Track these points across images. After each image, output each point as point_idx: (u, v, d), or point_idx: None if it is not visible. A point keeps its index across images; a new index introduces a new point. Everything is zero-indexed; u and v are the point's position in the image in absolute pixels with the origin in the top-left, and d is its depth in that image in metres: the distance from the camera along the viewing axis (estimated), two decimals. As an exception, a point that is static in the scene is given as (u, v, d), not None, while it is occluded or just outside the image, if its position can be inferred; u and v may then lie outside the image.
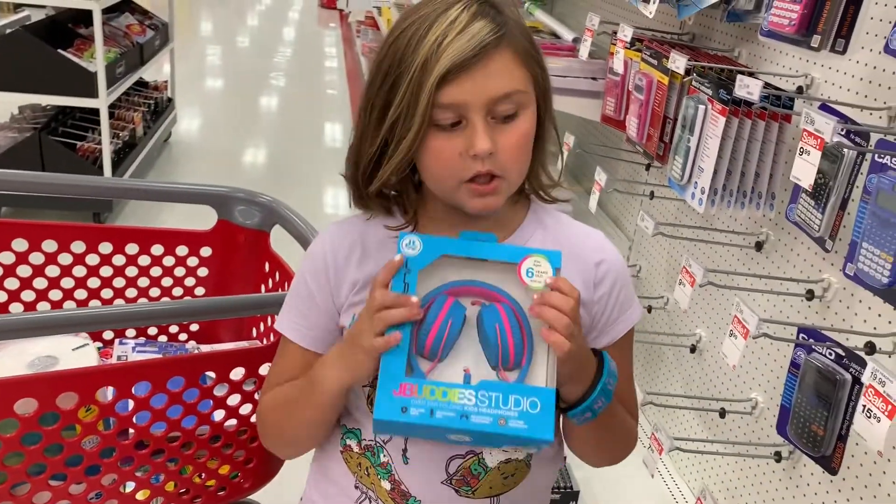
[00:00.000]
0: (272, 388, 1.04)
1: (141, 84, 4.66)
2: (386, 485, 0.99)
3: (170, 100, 4.88)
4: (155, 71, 5.01)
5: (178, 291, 1.73)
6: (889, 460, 1.47)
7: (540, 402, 0.85)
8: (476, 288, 0.91)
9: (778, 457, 1.77)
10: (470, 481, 0.98)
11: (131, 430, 1.23)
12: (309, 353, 1.02)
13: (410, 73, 0.86)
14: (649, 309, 2.52)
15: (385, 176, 0.92)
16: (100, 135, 3.65)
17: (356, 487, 1.02)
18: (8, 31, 3.58)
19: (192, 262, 1.72)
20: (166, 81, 4.94)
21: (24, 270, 1.61)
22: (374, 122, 0.91)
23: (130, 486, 1.28)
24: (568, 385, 0.91)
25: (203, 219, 1.75)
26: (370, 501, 1.01)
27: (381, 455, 0.99)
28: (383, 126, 0.90)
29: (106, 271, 1.66)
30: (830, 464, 1.43)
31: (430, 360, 0.88)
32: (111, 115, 3.89)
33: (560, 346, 0.84)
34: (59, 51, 3.53)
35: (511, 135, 0.90)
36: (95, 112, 3.66)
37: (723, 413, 1.98)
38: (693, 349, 2.26)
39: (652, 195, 2.35)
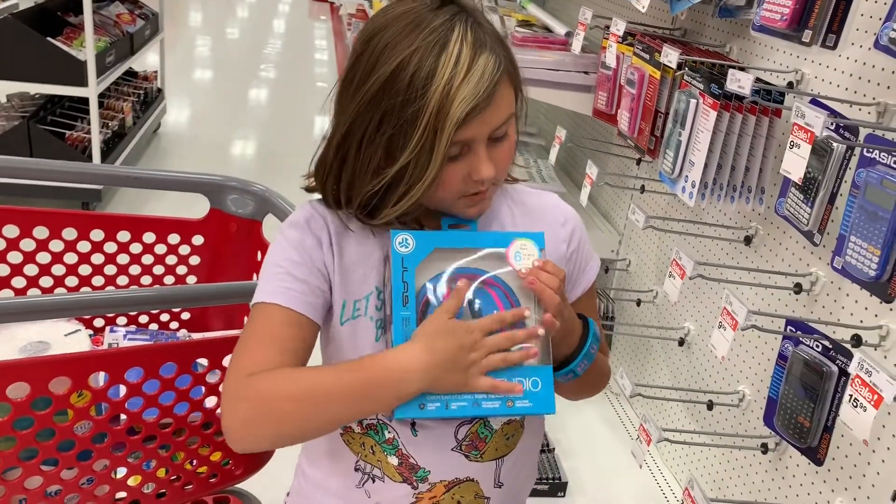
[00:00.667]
0: (265, 371, 0.91)
1: (130, 74, 4.64)
2: (393, 460, 1.00)
3: (159, 90, 4.86)
4: (144, 61, 4.98)
5: (169, 280, 1.72)
6: (873, 451, 1.50)
7: (541, 380, 0.94)
8: (468, 275, 0.95)
9: (764, 448, 1.79)
10: (478, 445, 1.01)
11: (123, 416, 1.23)
12: (304, 321, 0.95)
13: (424, 118, 0.86)
14: (638, 302, 2.54)
15: (397, 214, 0.94)
16: (89, 124, 3.63)
17: (357, 469, 1.02)
18: (-3, 18, 3.55)
19: (184, 250, 1.72)
20: (156, 72, 4.91)
21: (14, 257, 1.60)
22: (377, 161, 0.91)
23: (122, 472, 1.28)
24: (555, 348, 0.98)
25: (192, 210, 1.75)
26: (374, 480, 1.02)
27: (386, 431, 1.00)
28: (391, 168, 0.90)
29: (97, 259, 1.66)
30: (816, 455, 1.45)
31: None
32: (100, 105, 3.87)
33: (552, 325, 0.93)
34: (49, 39, 3.50)
35: (503, 151, 0.95)
36: (84, 101, 3.63)
37: (710, 405, 2.00)
38: (681, 342, 2.28)
39: (643, 189, 2.37)
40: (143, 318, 1.72)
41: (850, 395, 1.21)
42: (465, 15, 0.91)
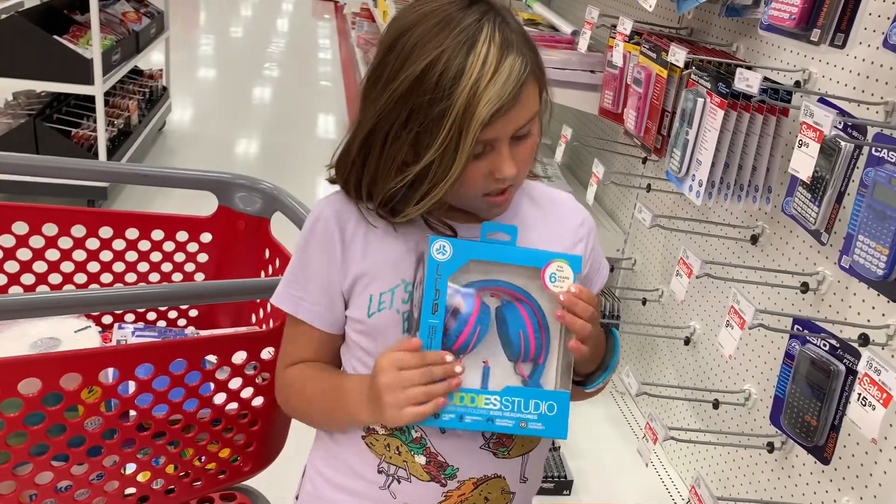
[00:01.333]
0: (291, 363, 1.07)
1: (136, 72, 4.64)
2: (421, 459, 1.01)
3: (164, 88, 4.87)
4: (149, 59, 4.99)
5: (177, 277, 1.72)
6: (880, 450, 1.50)
7: (557, 405, 0.94)
8: (499, 287, 0.95)
9: (770, 447, 1.79)
10: (505, 442, 1.03)
11: (133, 412, 1.23)
12: (319, 332, 1.04)
13: (450, 118, 0.87)
14: (643, 301, 2.54)
15: (420, 212, 0.95)
16: (94, 122, 3.64)
17: (380, 471, 1.03)
18: (3, 16, 3.56)
19: (192, 247, 1.72)
20: (161, 70, 4.92)
21: (24, 254, 1.60)
22: (402, 158, 0.92)
23: (131, 468, 1.28)
24: (582, 365, 1.00)
25: (197, 209, 1.76)
26: (399, 481, 1.02)
27: (413, 431, 1.01)
28: (415, 165, 0.91)
29: (106, 256, 1.66)
30: (823, 454, 1.45)
31: (455, 354, 0.93)
32: (106, 103, 3.88)
33: (578, 351, 0.94)
34: (55, 37, 3.51)
35: (525, 150, 0.96)
36: (90, 99, 3.64)
37: (716, 404, 2.00)
38: (687, 341, 2.28)
39: (649, 188, 2.37)
40: (151, 315, 1.72)
41: (859, 394, 1.21)
42: (493, 14, 0.91)
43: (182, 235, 1.71)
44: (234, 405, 1.33)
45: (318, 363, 1.06)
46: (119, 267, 1.68)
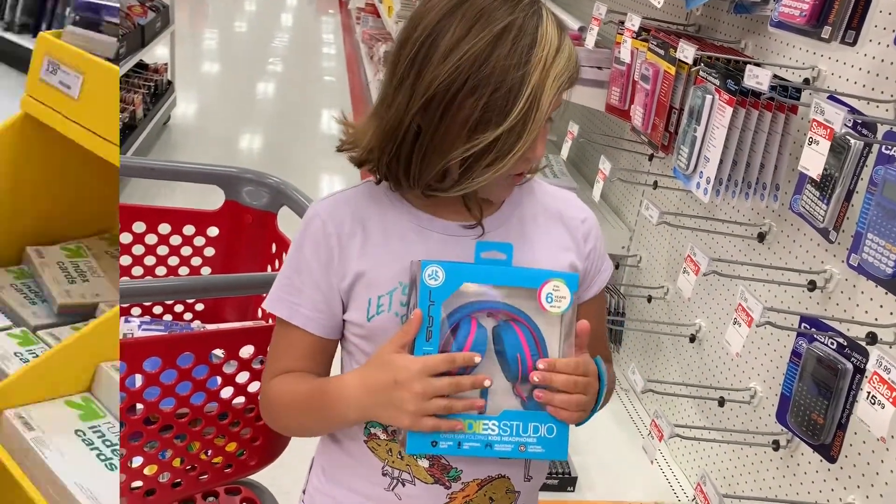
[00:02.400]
0: (278, 374, 1.03)
1: (141, 66, 4.64)
2: (424, 463, 0.99)
3: (169, 82, 4.87)
4: (154, 53, 4.99)
5: (184, 271, 1.72)
6: (887, 449, 1.49)
7: (556, 427, 0.93)
8: (496, 309, 0.93)
9: (776, 445, 1.79)
10: None
11: (140, 406, 1.23)
12: (315, 338, 1.01)
13: (529, 85, 0.86)
14: (649, 298, 2.54)
15: (479, 185, 0.91)
16: (100, 116, 3.63)
17: (384, 474, 1.02)
18: (9, 9, 3.56)
19: (199, 241, 1.72)
20: (166, 64, 4.92)
21: (31, 246, 1.61)
22: (467, 131, 0.88)
23: (138, 462, 1.28)
24: None
25: (202, 203, 1.75)
26: (403, 484, 1.01)
27: None
28: (485, 134, 0.87)
29: (112, 249, 1.67)
30: (829, 452, 1.45)
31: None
32: (111, 97, 3.88)
33: (570, 420, 0.93)
34: (61, 30, 3.51)
35: (547, 133, 0.95)
36: (96, 93, 3.63)
37: (721, 402, 2.00)
38: (693, 339, 2.28)
39: (655, 185, 2.37)
40: (157, 309, 1.72)
41: (868, 393, 1.21)
42: (542, 3, 0.93)
43: (189, 229, 1.71)
44: (241, 399, 1.33)
45: (301, 373, 1.02)
46: (126, 260, 1.68)
